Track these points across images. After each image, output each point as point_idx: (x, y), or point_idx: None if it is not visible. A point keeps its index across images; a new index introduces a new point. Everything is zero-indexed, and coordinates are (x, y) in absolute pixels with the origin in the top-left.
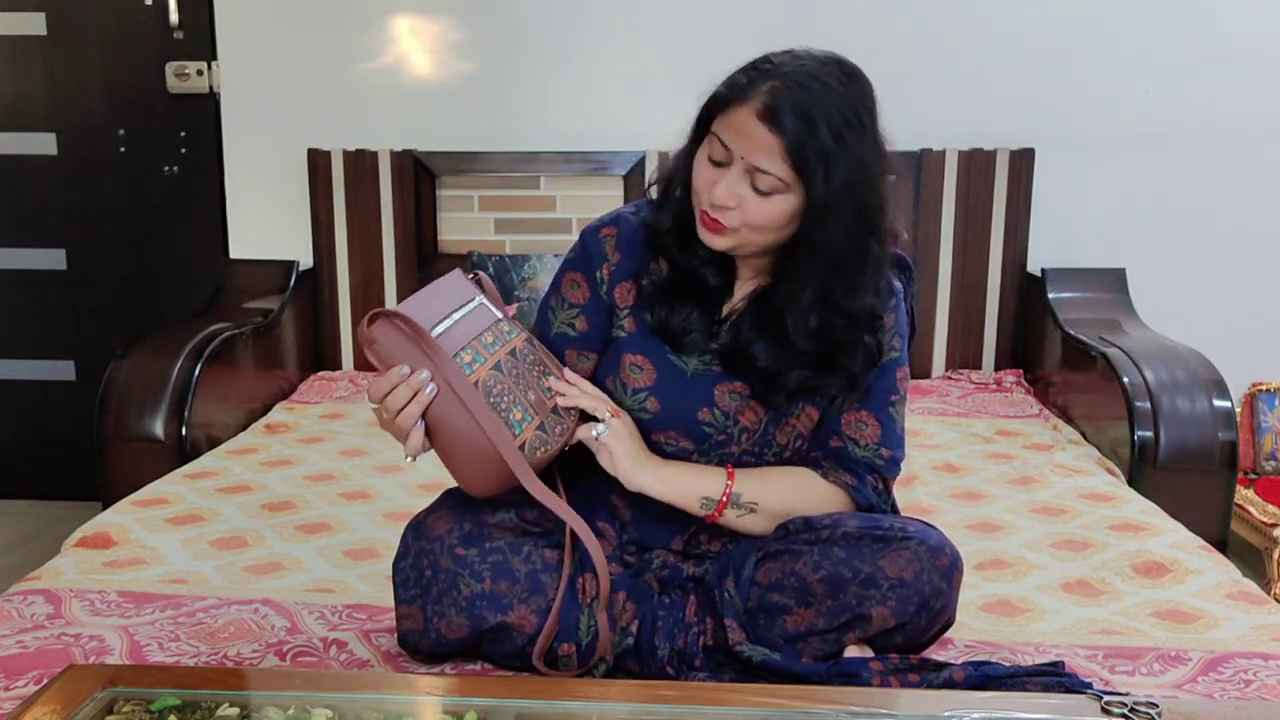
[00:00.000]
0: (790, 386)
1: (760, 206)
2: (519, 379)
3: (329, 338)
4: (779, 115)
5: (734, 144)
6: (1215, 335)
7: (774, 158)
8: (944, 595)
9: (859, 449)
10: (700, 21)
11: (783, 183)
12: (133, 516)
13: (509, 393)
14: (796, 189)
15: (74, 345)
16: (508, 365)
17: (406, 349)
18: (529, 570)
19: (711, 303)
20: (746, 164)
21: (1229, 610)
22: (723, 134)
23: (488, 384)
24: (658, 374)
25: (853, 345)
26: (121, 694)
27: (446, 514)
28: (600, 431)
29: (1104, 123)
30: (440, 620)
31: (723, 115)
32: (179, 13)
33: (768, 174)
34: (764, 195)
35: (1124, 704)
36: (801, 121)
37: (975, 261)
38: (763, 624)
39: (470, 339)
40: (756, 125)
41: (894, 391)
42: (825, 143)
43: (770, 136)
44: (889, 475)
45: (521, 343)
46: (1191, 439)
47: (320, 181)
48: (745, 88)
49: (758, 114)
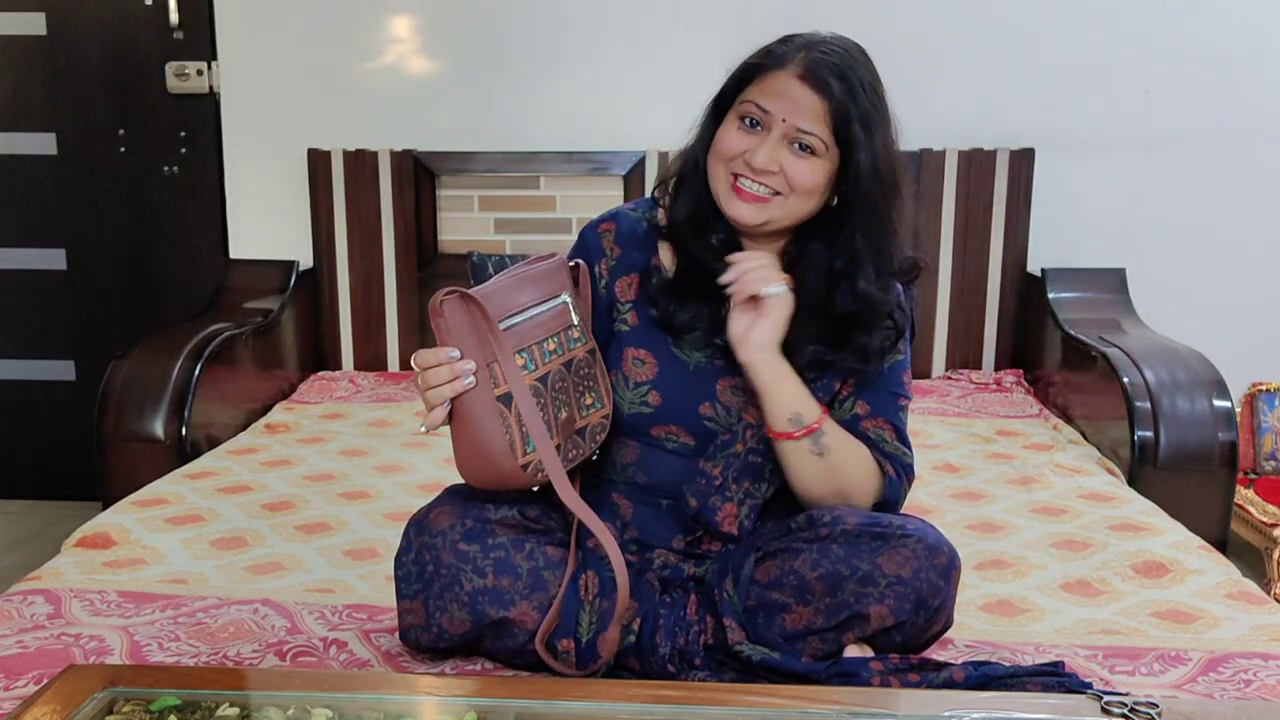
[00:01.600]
0: (803, 362)
1: (802, 169)
2: (559, 394)
3: (329, 338)
4: (822, 77)
5: (774, 107)
6: (1215, 335)
7: (818, 119)
8: (942, 593)
9: (887, 445)
10: (700, 22)
11: (823, 144)
12: (133, 516)
13: (541, 410)
14: (831, 155)
15: (74, 345)
16: (555, 378)
17: (467, 334)
18: (531, 567)
19: (720, 298)
20: (788, 126)
21: (1229, 610)
22: (760, 99)
23: (527, 394)
24: (660, 368)
25: (873, 319)
26: (121, 694)
27: (449, 510)
28: (778, 290)
29: (1104, 123)
30: (442, 615)
31: (759, 81)
32: (179, 13)
33: (811, 134)
34: (804, 158)
35: (1124, 704)
36: (844, 85)
37: (975, 261)
38: (762, 622)
39: (533, 342)
40: (800, 87)
41: (903, 395)
42: (865, 107)
43: (815, 97)
44: (913, 476)
45: (583, 353)
46: (1191, 439)
47: (320, 181)
48: (782, 55)
49: (799, 76)
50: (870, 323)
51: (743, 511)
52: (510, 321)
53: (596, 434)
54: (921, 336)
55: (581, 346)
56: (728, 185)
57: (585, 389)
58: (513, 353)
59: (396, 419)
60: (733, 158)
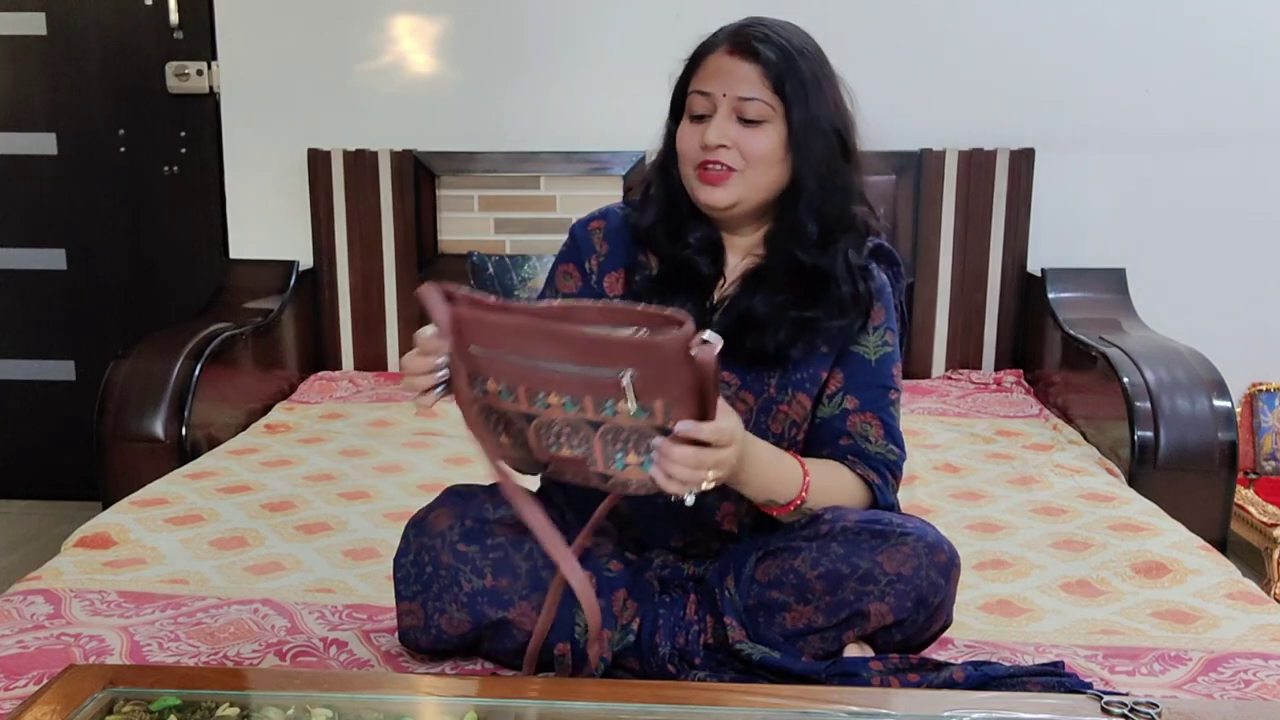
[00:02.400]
0: (783, 333)
1: (753, 139)
2: (552, 435)
3: (329, 338)
4: (752, 45)
5: (713, 86)
6: (1215, 335)
7: (754, 84)
8: (941, 591)
9: (870, 445)
10: (700, 22)
11: (769, 108)
12: (133, 516)
13: (514, 431)
14: (780, 117)
15: (74, 345)
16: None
17: (445, 325)
18: (530, 567)
19: (704, 291)
20: (731, 99)
21: (1229, 610)
22: (700, 85)
23: (492, 409)
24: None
25: (836, 273)
26: (121, 694)
27: (448, 510)
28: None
29: (1104, 123)
30: (441, 616)
31: (698, 70)
32: (179, 13)
33: (753, 100)
34: (753, 125)
35: (1124, 704)
36: (776, 49)
37: (975, 261)
38: (762, 621)
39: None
40: (731, 60)
41: (892, 388)
42: (799, 66)
43: (747, 65)
44: (900, 473)
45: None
46: (1191, 439)
47: (320, 181)
48: (711, 40)
49: (729, 51)
50: (835, 277)
51: (741, 509)
52: (499, 354)
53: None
54: (921, 336)
55: (636, 420)
56: (695, 176)
57: (630, 448)
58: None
59: (396, 419)
60: (692, 150)
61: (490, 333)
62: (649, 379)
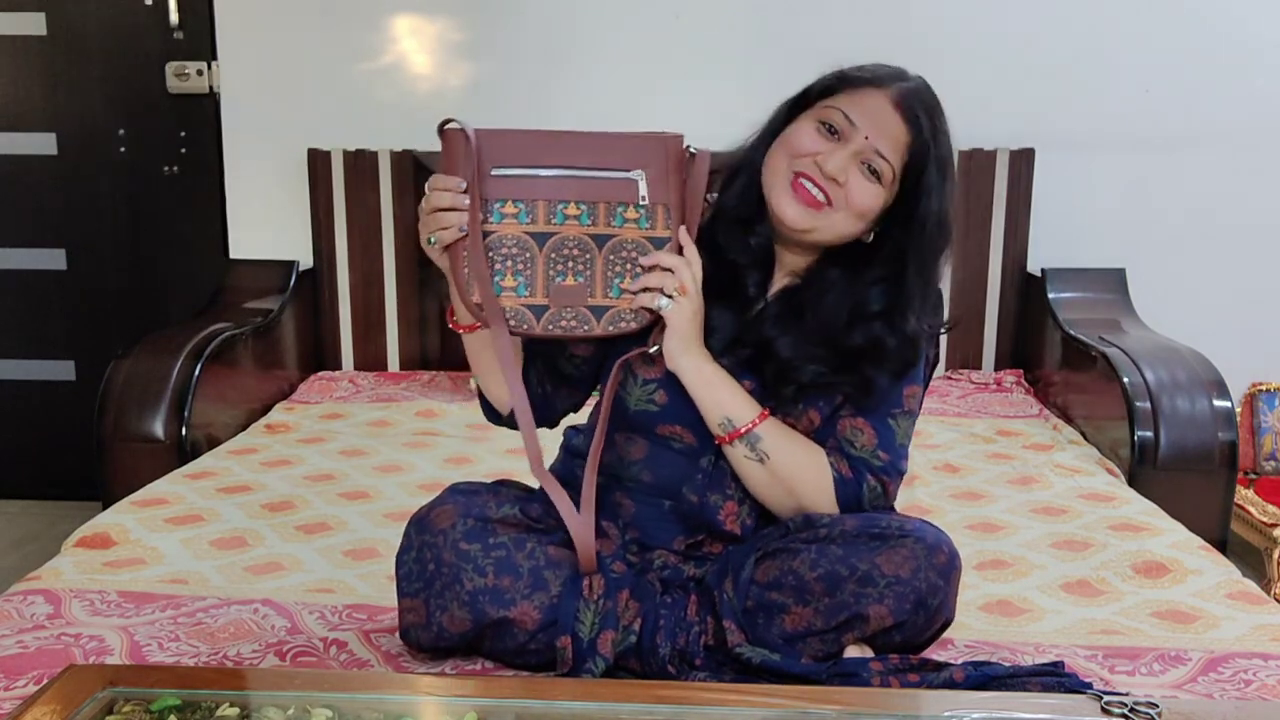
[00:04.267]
0: (803, 380)
1: (864, 190)
2: (566, 260)
3: (329, 338)
4: (915, 110)
5: (861, 121)
6: (1215, 335)
7: (897, 148)
8: (941, 592)
9: (855, 449)
10: (701, 23)
11: (893, 174)
12: (133, 516)
13: (521, 261)
14: (892, 189)
15: (74, 345)
16: (567, 243)
17: (462, 169)
18: (532, 566)
19: (742, 306)
20: (868, 145)
21: (1229, 610)
22: (849, 109)
23: (503, 239)
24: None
25: (886, 359)
26: (121, 694)
27: (450, 508)
28: (664, 304)
29: (1104, 123)
30: (443, 614)
31: (852, 92)
32: (179, 13)
33: (884, 160)
34: (870, 180)
35: (1124, 704)
36: (931, 125)
37: (975, 261)
38: (761, 623)
39: (539, 196)
40: (892, 112)
41: (896, 406)
42: (944, 153)
43: (903, 126)
44: (888, 478)
45: (636, 236)
46: (1191, 439)
47: (320, 181)
48: (879, 76)
49: (894, 102)
50: (883, 360)
51: (744, 510)
52: (518, 171)
53: (623, 320)
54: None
55: (636, 229)
56: (786, 181)
57: (626, 272)
58: (489, 198)
59: (396, 419)
60: (802, 155)
61: (515, 148)
62: (655, 181)
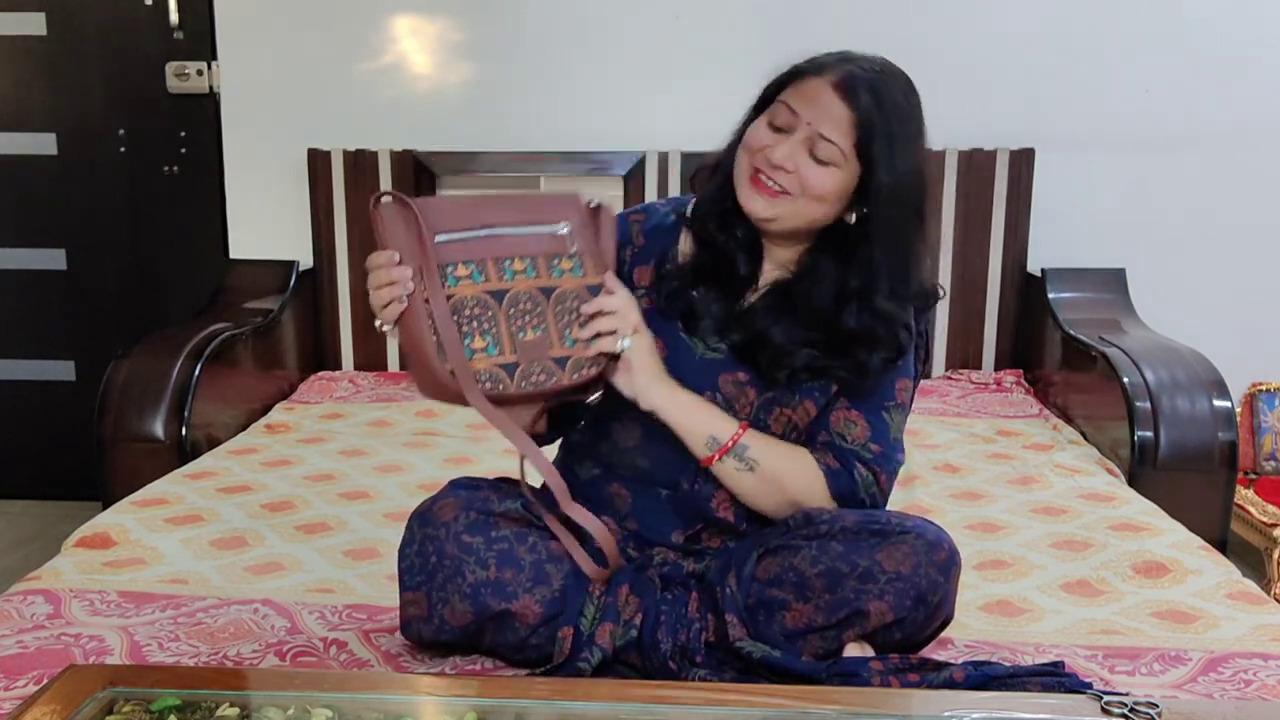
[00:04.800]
0: (796, 365)
1: (816, 174)
2: (523, 315)
3: (329, 338)
4: (855, 90)
5: (803, 110)
6: (1215, 335)
7: (841, 129)
8: (941, 589)
9: (846, 443)
10: (700, 22)
11: (842, 155)
12: (133, 516)
13: (486, 321)
14: (851, 167)
15: (74, 345)
16: (523, 299)
17: (401, 240)
18: (534, 560)
19: (735, 291)
20: (811, 131)
21: (1229, 610)
22: (792, 100)
23: (465, 301)
24: (668, 352)
25: (878, 340)
26: (121, 694)
27: (452, 502)
28: (625, 345)
29: (1104, 123)
30: (444, 607)
31: (795, 85)
32: (179, 13)
33: (830, 143)
34: (820, 164)
35: (1124, 704)
36: (873, 99)
37: (975, 261)
38: (762, 620)
39: (487, 255)
40: (831, 95)
41: (889, 399)
42: (891, 127)
43: (843, 108)
44: (880, 469)
45: (576, 287)
46: (1191, 439)
47: (320, 181)
48: (822, 64)
49: (833, 85)
50: (875, 343)
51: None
52: (461, 235)
53: (584, 368)
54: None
55: (572, 278)
56: (748, 176)
57: (573, 321)
58: (442, 263)
59: (396, 419)
60: (756, 150)
61: (453, 213)
62: (577, 232)
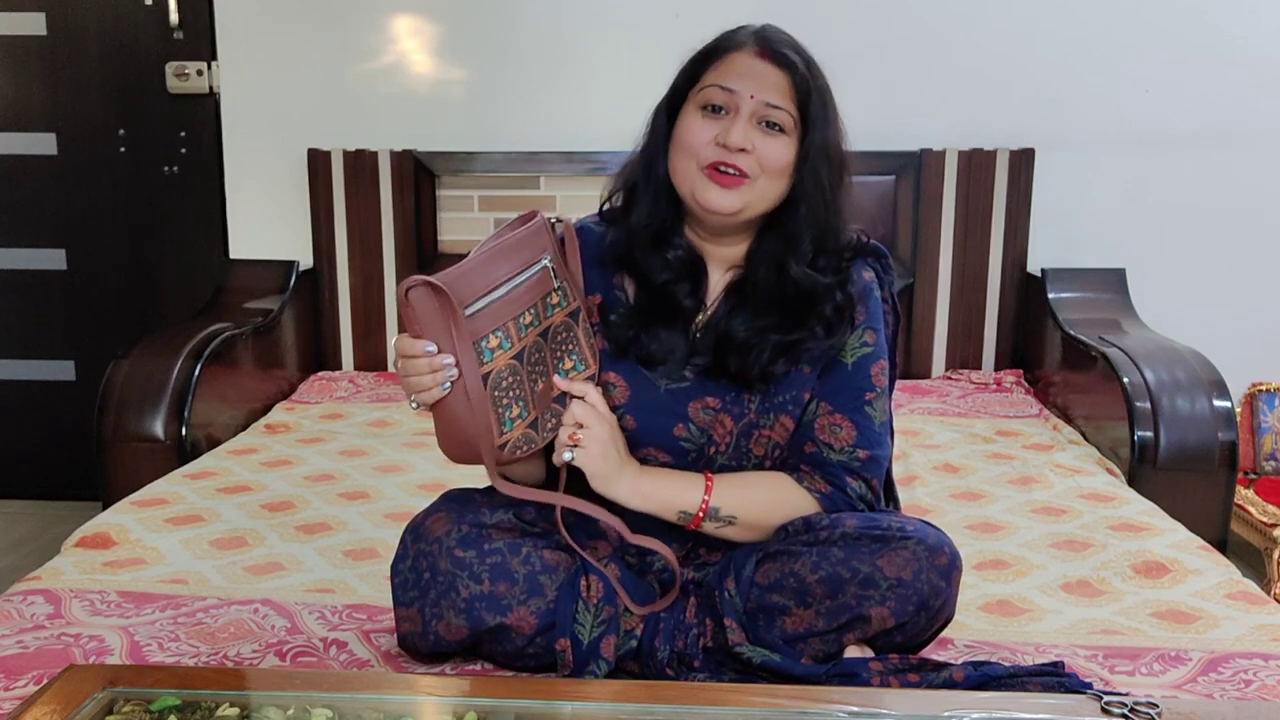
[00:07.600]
0: (764, 356)
1: (773, 147)
2: (534, 366)
3: (329, 338)
4: (782, 52)
5: (739, 85)
6: (1215, 335)
7: (783, 93)
8: (943, 594)
9: (834, 453)
10: (700, 22)
11: (791, 119)
12: (133, 516)
13: (517, 386)
14: (796, 134)
15: (74, 345)
16: (531, 351)
17: (437, 325)
18: (528, 572)
19: (685, 320)
20: (756, 102)
21: (1229, 610)
22: (723, 80)
23: (500, 374)
24: (632, 392)
25: (821, 294)
26: (121, 694)
27: (445, 515)
28: (568, 458)
29: (1104, 123)
30: (439, 622)
31: (716, 66)
32: (179, 13)
33: (779, 109)
34: (773, 134)
35: (1124, 704)
36: (802, 59)
37: (975, 261)
38: (762, 625)
39: (509, 318)
40: (762, 64)
41: (869, 389)
42: (821, 82)
43: (778, 72)
44: (870, 475)
45: (561, 318)
46: (1191, 439)
47: (320, 181)
48: (734, 38)
49: (759, 54)
50: (819, 298)
51: None
52: (485, 301)
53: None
54: (921, 336)
55: (561, 311)
56: (702, 175)
57: (565, 353)
58: (475, 339)
59: (396, 419)
60: (703, 146)
61: (472, 281)
62: (554, 258)
